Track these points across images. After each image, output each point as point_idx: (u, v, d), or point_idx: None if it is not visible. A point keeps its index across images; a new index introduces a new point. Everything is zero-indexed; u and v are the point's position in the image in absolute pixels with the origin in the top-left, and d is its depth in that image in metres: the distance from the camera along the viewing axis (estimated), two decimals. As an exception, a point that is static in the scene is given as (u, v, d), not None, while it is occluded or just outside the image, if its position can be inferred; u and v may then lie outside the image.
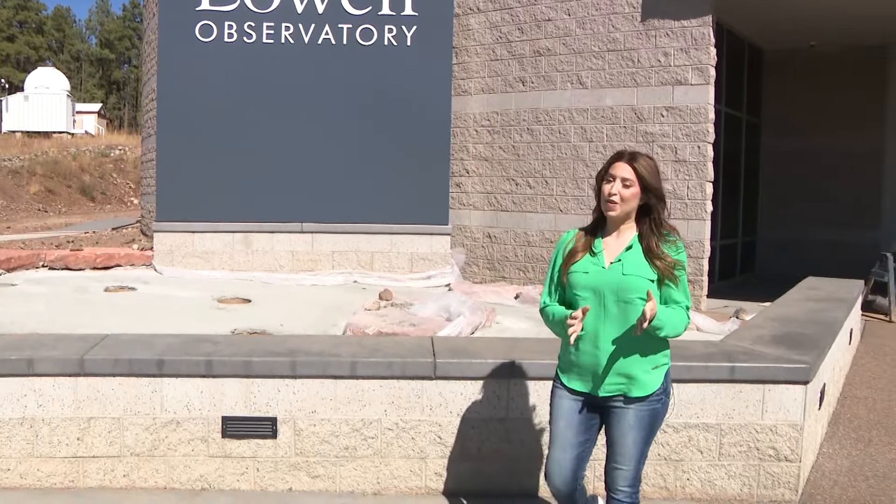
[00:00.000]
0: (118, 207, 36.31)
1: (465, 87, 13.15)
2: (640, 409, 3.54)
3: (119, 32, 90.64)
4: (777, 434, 4.78)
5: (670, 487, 4.84)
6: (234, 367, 4.82)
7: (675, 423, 4.78)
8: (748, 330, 5.80)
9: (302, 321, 8.57)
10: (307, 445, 4.86)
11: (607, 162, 3.59)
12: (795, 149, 15.14)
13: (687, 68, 10.99)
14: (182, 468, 4.88)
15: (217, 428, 4.85)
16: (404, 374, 4.81)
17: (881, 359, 8.74)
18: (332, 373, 4.81)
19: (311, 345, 5.15)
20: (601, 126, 11.72)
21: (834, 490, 5.04)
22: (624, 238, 3.57)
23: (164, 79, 12.32)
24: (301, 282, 11.53)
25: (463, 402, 4.82)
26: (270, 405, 4.84)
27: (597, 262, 3.55)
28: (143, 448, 4.85)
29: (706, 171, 10.97)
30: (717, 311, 10.87)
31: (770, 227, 15.60)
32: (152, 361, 4.81)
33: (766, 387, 4.76)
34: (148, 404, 4.83)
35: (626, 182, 3.48)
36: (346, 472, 4.89)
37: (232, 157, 12.03)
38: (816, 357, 5.03)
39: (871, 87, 14.50)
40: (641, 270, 3.48)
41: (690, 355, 4.90)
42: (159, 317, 8.61)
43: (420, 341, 5.37)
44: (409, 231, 12.28)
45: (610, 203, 3.51)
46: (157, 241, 12.12)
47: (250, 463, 4.89)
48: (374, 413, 4.84)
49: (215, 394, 4.83)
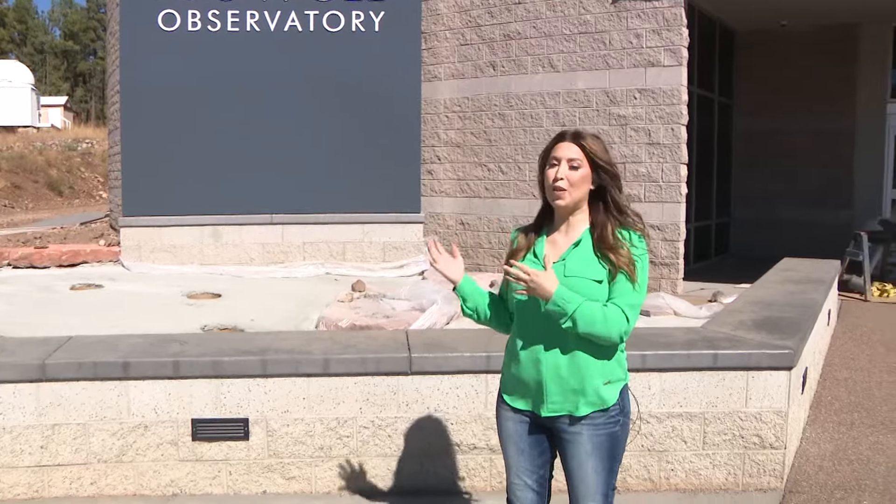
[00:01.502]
0: (87, 202, 35.80)
1: (434, 73, 12.97)
2: (596, 432, 3.03)
3: (83, 24, 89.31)
4: (762, 421, 4.69)
5: (655, 479, 4.74)
6: (203, 368, 4.66)
7: (659, 412, 4.68)
8: (729, 315, 5.70)
9: (274, 315, 8.41)
10: (281, 446, 4.72)
11: (548, 145, 3.10)
12: (767, 129, 15.11)
13: (659, 50, 10.87)
14: (152, 474, 4.72)
15: (187, 431, 4.69)
16: (379, 371, 4.66)
17: (859, 339, 8.70)
18: (305, 371, 4.66)
19: (282, 342, 4.99)
20: (573, 110, 11.59)
21: (819, 475, 4.96)
22: (574, 232, 3.07)
23: (127, 70, 12.07)
24: (272, 274, 11.37)
25: (440, 397, 4.69)
26: (242, 406, 4.69)
27: (537, 262, 3.03)
28: (110, 454, 4.67)
29: (680, 153, 10.88)
30: (693, 293, 10.81)
31: (743, 207, 15.58)
32: (118, 364, 4.63)
33: (749, 373, 4.66)
34: (114, 409, 4.65)
35: (574, 163, 2.99)
36: (321, 472, 4.75)
37: (199, 148, 11.82)
38: (799, 342, 4.94)
39: (842, 65, 14.47)
40: (587, 270, 2.97)
41: (672, 343, 4.80)
42: (127, 315, 8.42)
43: (394, 335, 5.23)
44: (381, 220, 12.14)
45: (557, 190, 3.00)
46: (123, 237, 11.89)
47: (222, 466, 4.74)
48: (348, 411, 4.70)
49: (184, 396, 4.67)
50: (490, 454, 4.70)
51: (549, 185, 3.03)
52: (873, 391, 6.78)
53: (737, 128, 15.52)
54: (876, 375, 7.25)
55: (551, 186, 3.01)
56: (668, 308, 8.71)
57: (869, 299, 10.99)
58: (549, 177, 3.02)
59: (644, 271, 3.00)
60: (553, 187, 3.01)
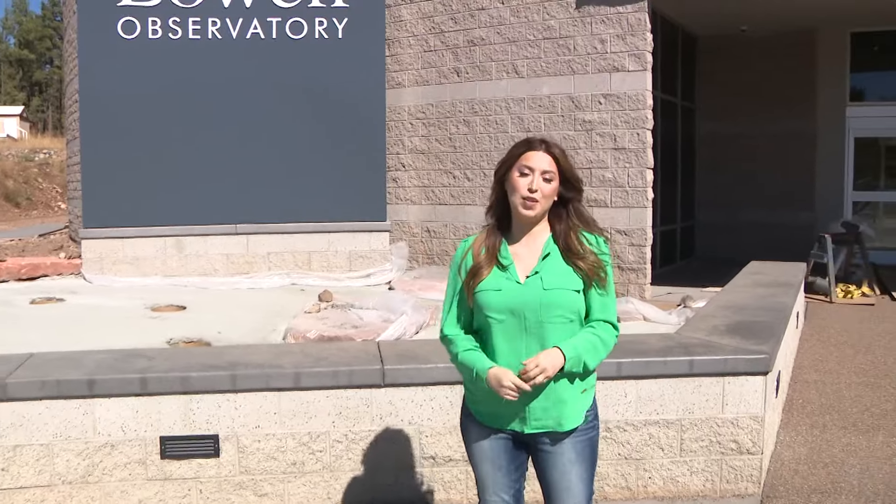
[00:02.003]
0: (45, 213, 35.26)
1: (398, 80, 12.91)
2: (577, 440, 2.99)
3: (39, 32, 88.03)
4: (738, 427, 4.67)
5: (632, 487, 4.70)
6: (171, 384, 4.54)
7: (635, 420, 4.64)
8: (702, 320, 5.69)
9: (240, 328, 8.29)
10: (252, 463, 4.61)
11: (515, 151, 2.98)
12: (730, 132, 15.23)
13: (624, 55, 10.90)
14: (119, 494, 4.58)
15: (155, 449, 4.56)
16: (351, 384, 4.57)
17: (826, 340, 8.76)
18: (276, 385, 4.56)
19: (252, 356, 4.89)
20: (538, 115, 11.58)
21: (795, 479, 4.95)
22: (537, 243, 2.99)
23: (87, 78, 11.87)
24: (237, 285, 11.23)
25: (414, 409, 4.61)
26: (211, 422, 4.57)
27: (509, 277, 2.94)
28: (75, 475, 4.53)
29: (646, 157, 10.91)
30: (661, 298, 10.83)
31: (707, 210, 15.69)
32: (82, 382, 4.49)
33: (725, 379, 4.64)
34: (79, 428, 4.51)
35: (547, 175, 2.91)
36: (294, 488, 4.65)
37: (161, 158, 11.66)
38: (773, 346, 4.94)
39: (802, 70, 14.64)
40: (564, 281, 2.92)
41: (648, 350, 4.77)
42: (89, 329, 8.26)
43: (366, 346, 5.15)
44: (347, 229, 12.05)
45: (529, 201, 2.90)
46: (85, 249, 11.67)
47: (192, 484, 4.62)
48: (321, 425, 4.60)
49: (152, 413, 4.54)
50: (466, 466, 4.63)
51: (518, 195, 2.92)
52: (843, 393, 6.81)
53: (700, 132, 15.63)
54: (845, 377, 7.30)
55: (523, 197, 2.91)
56: (637, 314, 8.71)
57: (834, 301, 11.09)
58: (522, 186, 2.91)
59: (611, 273, 3.02)
60: (525, 198, 2.91)
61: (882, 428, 5.91)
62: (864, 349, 8.39)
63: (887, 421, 6.07)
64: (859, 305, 10.89)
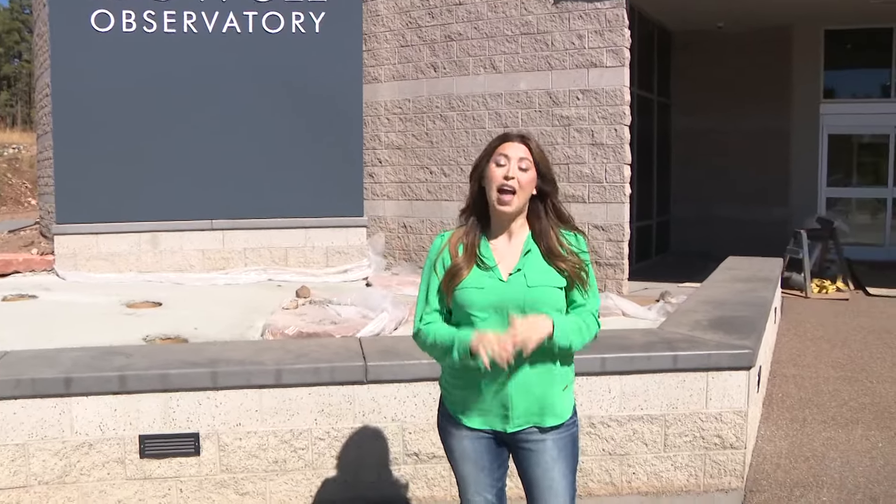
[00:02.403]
0: (14, 209, 34.76)
1: (375, 75, 12.84)
2: (559, 437, 2.94)
3: (7, 25, 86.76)
4: (722, 422, 4.67)
5: (616, 482, 4.70)
6: (151, 382, 4.46)
7: (619, 416, 4.63)
8: (684, 315, 5.69)
9: (217, 324, 8.21)
10: (233, 461, 4.55)
11: (491, 145, 2.92)
12: (705, 128, 15.31)
13: (601, 51, 10.91)
14: (97, 494, 4.51)
15: (134, 448, 4.49)
16: (333, 380, 4.52)
17: (803, 335, 8.82)
18: (257, 382, 4.50)
19: (233, 353, 4.82)
20: (516, 111, 11.57)
21: (777, 473, 4.97)
22: (517, 240, 2.92)
23: (59, 72, 11.69)
24: (214, 281, 11.12)
25: (397, 406, 4.57)
26: (192, 420, 4.51)
27: (492, 275, 2.86)
28: (52, 475, 4.45)
29: (623, 153, 10.93)
30: (638, 293, 10.87)
31: (682, 206, 15.75)
32: (59, 380, 4.41)
33: (709, 374, 4.64)
34: (56, 427, 4.43)
35: (523, 163, 2.83)
36: (276, 486, 4.60)
37: (135, 153, 11.52)
38: (756, 341, 4.95)
39: (777, 66, 14.74)
40: (548, 279, 2.86)
41: (631, 345, 4.76)
42: (63, 326, 8.13)
43: (347, 343, 5.11)
44: (324, 224, 11.97)
45: (505, 192, 2.82)
46: (58, 245, 11.51)
47: (173, 483, 4.55)
48: (303, 423, 4.55)
49: (131, 411, 4.47)
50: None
51: (495, 186, 2.83)
52: (821, 387, 6.86)
53: (675, 127, 15.69)
54: (822, 371, 7.35)
55: (500, 187, 2.83)
56: (616, 309, 8.73)
57: (809, 296, 11.17)
58: (497, 176, 2.83)
59: (592, 273, 2.99)
60: (502, 187, 2.83)
61: (860, 422, 5.95)
62: (841, 343, 8.45)
63: (865, 415, 6.12)
64: (834, 300, 10.99)
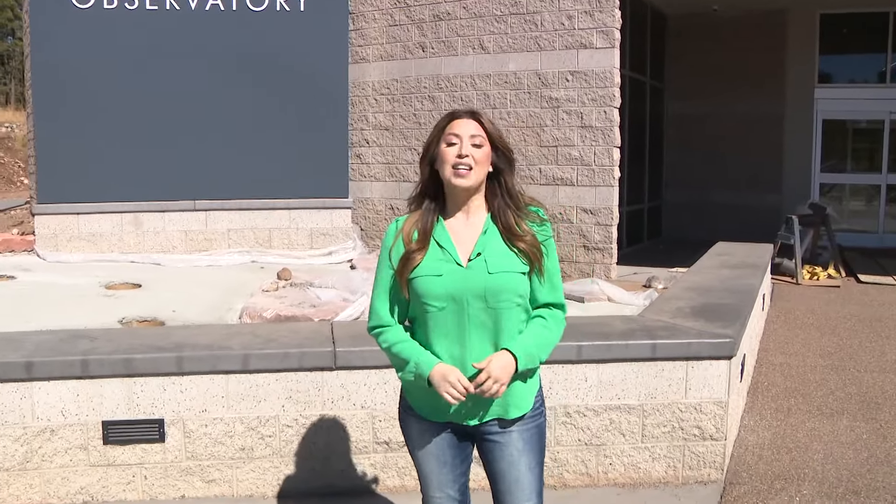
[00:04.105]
0: (6, 188, 34.54)
1: (363, 55, 12.65)
2: (524, 428, 2.81)
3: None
4: (701, 412, 4.55)
5: (592, 473, 4.57)
6: (114, 366, 4.33)
7: (596, 405, 4.50)
8: (666, 302, 5.55)
9: (196, 306, 8.07)
10: (199, 448, 4.43)
11: (439, 124, 2.76)
12: (698, 112, 15.15)
13: (591, 31, 10.72)
14: (60, 481, 4.38)
15: (97, 434, 4.37)
16: (302, 366, 4.39)
17: (792, 322, 8.70)
18: (223, 368, 4.37)
19: (200, 337, 4.69)
20: (505, 92, 11.39)
21: (759, 465, 4.85)
22: (475, 219, 2.76)
23: (39, 49, 11.52)
24: (196, 263, 10.98)
25: (367, 393, 4.44)
26: (156, 406, 4.38)
27: (449, 259, 2.70)
28: (13, 462, 4.33)
29: (613, 136, 10.76)
30: (626, 278, 10.73)
31: (675, 190, 15.63)
32: (20, 364, 4.28)
33: (689, 363, 4.51)
34: (17, 412, 4.30)
35: (476, 140, 2.68)
36: (243, 474, 4.48)
37: (118, 131, 11.36)
38: (739, 329, 4.81)
39: (772, 50, 14.57)
40: (509, 263, 2.70)
41: (610, 333, 4.63)
42: (40, 308, 8.00)
43: (319, 327, 4.97)
44: (309, 205, 11.84)
45: (460, 170, 2.66)
46: (38, 225, 11.36)
47: (137, 470, 4.43)
48: (270, 409, 4.43)
49: (94, 396, 4.34)
50: (421, 452, 4.48)
51: (448, 165, 2.68)
52: (808, 376, 6.74)
53: (668, 111, 15.54)
54: (810, 359, 7.23)
55: (454, 165, 2.67)
56: (602, 294, 8.59)
57: (800, 282, 11.05)
58: (449, 155, 2.68)
59: (554, 249, 2.82)
60: (456, 165, 2.67)
61: (846, 412, 5.83)
62: (830, 331, 8.33)
63: (851, 405, 6.00)
64: (825, 287, 10.86)
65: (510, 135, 11.32)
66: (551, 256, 2.80)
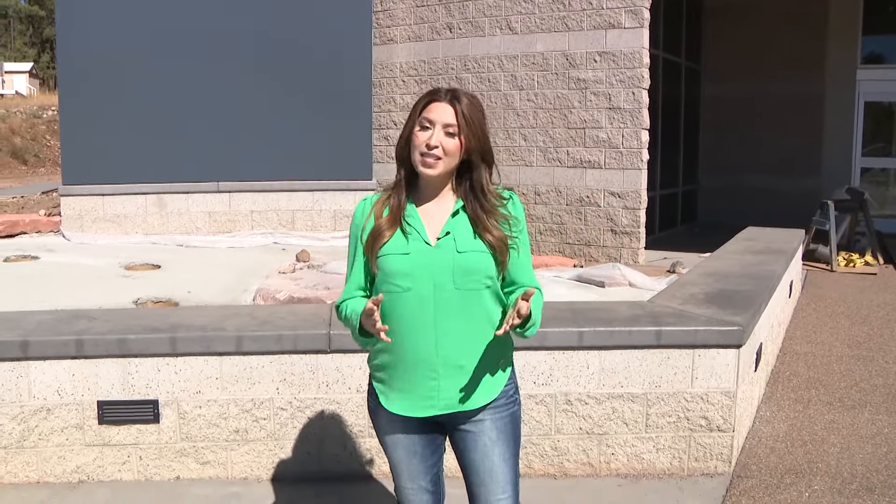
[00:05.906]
0: (52, 170, 34.99)
1: (390, 36, 12.51)
2: (497, 416, 2.69)
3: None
4: (708, 402, 4.38)
5: (594, 463, 4.43)
6: (108, 347, 4.29)
7: (598, 393, 4.36)
8: (680, 288, 5.37)
9: (212, 287, 8.04)
10: (194, 429, 4.37)
11: (420, 102, 2.64)
12: (736, 95, 14.81)
13: (620, 11, 10.47)
14: (56, 460, 4.36)
15: (93, 414, 4.34)
16: (296, 349, 4.31)
17: (822, 310, 8.44)
18: (217, 349, 4.30)
19: (196, 318, 4.63)
20: (532, 73, 11.19)
21: (770, 458, 4.67)
22: (446, 201, 2.67)
23: (64, 30, 11.54)
24: (217, 244, 10.95)
25: (362, 376, 4.34)
26: (151, 387, 4.33)
27: (417, 238, 2.60)
28: (10, 440, 4.31)
29: (641, 118, 10.52)
30: (655, 263, 10.52)
31: (711, 175, 15.32)
32: (16, 343, 4.26)
33: (695, 352, 4.34)
34: (14, 391, 4.28)
35: (450, 129, 2.56)
36: (237, 457, 4.42)
37: (142, 113, 11.36)
38: (751, 317, 4.61)
39: (812, 31, 14.17)
40: (476, 244, 2.60)
41: (614, 319, 4.46)
42: (59, 288, 8.02)
43: (317, 310, 4.88)
44: (332, 187, 11.76)
45: (427, 159, 2.56)
46: (64, 206, 11.43)
47: (132, 450, 4.39)
48: (264, 392, 4.35)
49: (89, 376, 4.30)
50: (417, 437, 4.38)
51: (418, 151, 2.57)
52: (833, 366, 6.51)
53: (704, 94, 15.22)
54: (837, 349, 7.00)
55: (422, 153, 2.56)
56: (623, 279, 8.40)
57: (835, 269, 10.75)
58: (420, 140, 2.57)
59: (527, 244, 2.71)
60: (424, 154, 2.56)
61: (869, 404, 5.61)
62: (861, 320, 8.07)
63: (875, 397, 5.77)
64: (861, 275, 10.55)
65: (537, 117, 11.14)
66: (523, 251, 2.67)
